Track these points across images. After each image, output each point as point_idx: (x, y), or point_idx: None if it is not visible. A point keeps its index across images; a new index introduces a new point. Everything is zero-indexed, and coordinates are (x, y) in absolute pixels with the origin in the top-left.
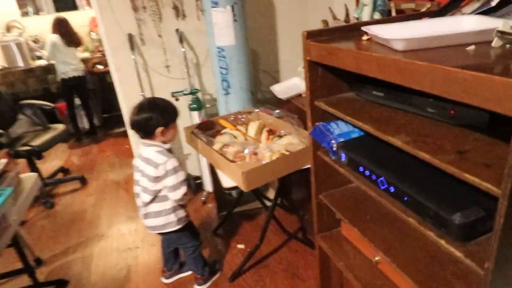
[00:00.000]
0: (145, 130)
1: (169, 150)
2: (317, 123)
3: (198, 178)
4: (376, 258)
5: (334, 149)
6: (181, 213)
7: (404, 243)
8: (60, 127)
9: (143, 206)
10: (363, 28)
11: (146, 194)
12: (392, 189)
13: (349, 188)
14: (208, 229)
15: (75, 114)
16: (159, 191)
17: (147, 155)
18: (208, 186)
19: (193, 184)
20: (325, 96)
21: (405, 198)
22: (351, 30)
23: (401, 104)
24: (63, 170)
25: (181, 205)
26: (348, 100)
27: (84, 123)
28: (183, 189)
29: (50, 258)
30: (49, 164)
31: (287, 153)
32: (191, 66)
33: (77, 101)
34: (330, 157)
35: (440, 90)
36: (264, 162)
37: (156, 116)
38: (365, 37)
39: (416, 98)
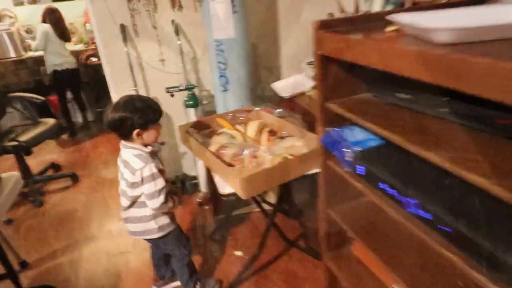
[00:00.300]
0: (120, 131)
1: (152, 153)
2: (328, 128)
3: (194, 178)
4: (394, 287)
5: (349, 159)
6: (163, 220)
7: (430, 273)
8: (50, 121)
9: (123, 210)
10: (391, 17)
11: (124, 198)
12: (427, 216)
13: (364, 202)
14: (204, 234)
15: (67, 108)
16: (138, 197)
17: (126, 158)
18: (204, 187)
19: (189, 184)
20: (338, 97)
21: (442, 227)
22: (371, 21)
23: (433, 109)
24: (54, 166)
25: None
26: (365, 102)
27: (77, 117)
28: (161, 198)
29: (36, 261)
30: (40, 160)
31: (290, 157)
32: (187, 60)
33: (70, 94)
34: (343, 168)
35: (507, 96)
36: (264, 167)
37: (131, 117)
38: (390, 28)
39: (454, 104)
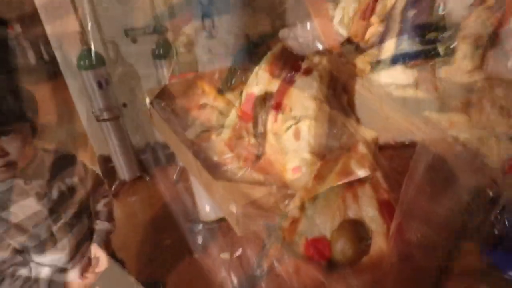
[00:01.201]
0: None
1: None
2: None
3: None
4: None
5: None
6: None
7: None
8: None
9: None
10: None
11: None
12: None
13: None
14: (181, 223)
15: (7, 44)
16: None
17: None
18: None
19: (162, 154)
20: None
21: None
22: None
23: None
24: None
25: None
26: None
27: (30, 58)
28: None
29: None
30: None
31: (310, 157)
32: None
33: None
34: None
35: None
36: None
37: None
38: None
39: None
